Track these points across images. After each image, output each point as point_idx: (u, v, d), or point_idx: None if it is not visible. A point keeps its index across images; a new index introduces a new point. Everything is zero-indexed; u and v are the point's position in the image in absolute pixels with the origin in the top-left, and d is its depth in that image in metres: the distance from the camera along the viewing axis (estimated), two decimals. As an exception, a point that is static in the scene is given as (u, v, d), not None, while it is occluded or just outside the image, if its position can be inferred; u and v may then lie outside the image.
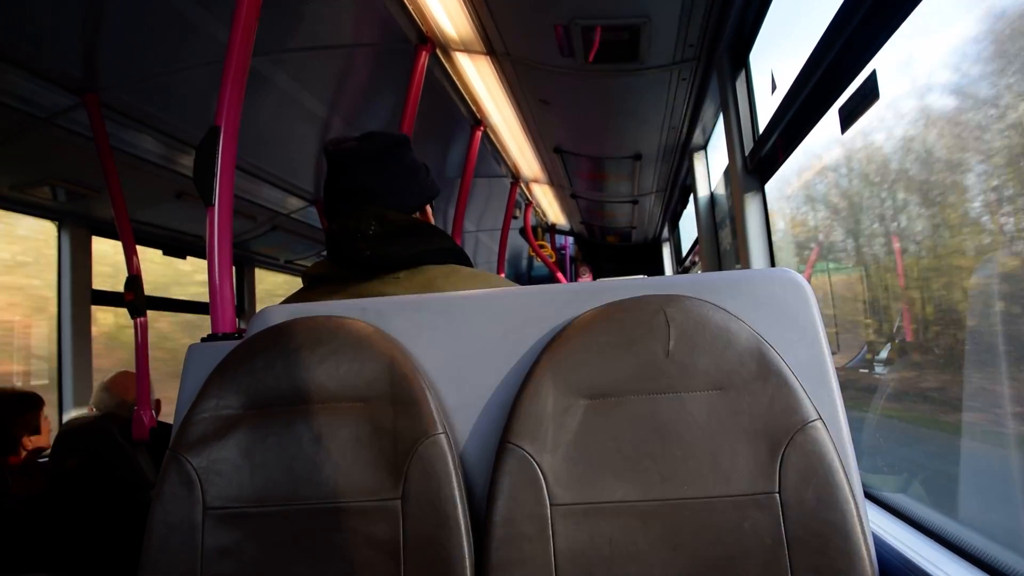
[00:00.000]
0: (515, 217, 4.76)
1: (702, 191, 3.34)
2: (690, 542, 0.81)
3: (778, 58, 1.97)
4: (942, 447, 1.34)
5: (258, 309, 1.03)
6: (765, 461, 0.82)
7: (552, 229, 6.15)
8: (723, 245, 3.19)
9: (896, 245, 1.47)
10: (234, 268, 3.94)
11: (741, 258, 2.29)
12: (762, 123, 2.11)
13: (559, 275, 5.72)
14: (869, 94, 1.29)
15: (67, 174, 2.67)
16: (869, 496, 1.34)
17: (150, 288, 2.76)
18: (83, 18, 1.91)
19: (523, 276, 7.34)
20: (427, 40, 2.34)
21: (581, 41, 2.16)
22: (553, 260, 5.75)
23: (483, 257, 6.20)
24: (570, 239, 6.70)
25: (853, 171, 1.66)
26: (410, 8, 2.16)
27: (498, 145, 3.64)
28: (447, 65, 2.62)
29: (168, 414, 2.60)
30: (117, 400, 2.53)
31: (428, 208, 1.27)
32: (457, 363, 0.96)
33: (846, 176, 1.73)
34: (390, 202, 1.16)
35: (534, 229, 5.54)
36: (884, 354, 1.60)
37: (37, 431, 2.37)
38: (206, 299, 1.32)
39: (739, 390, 0.84)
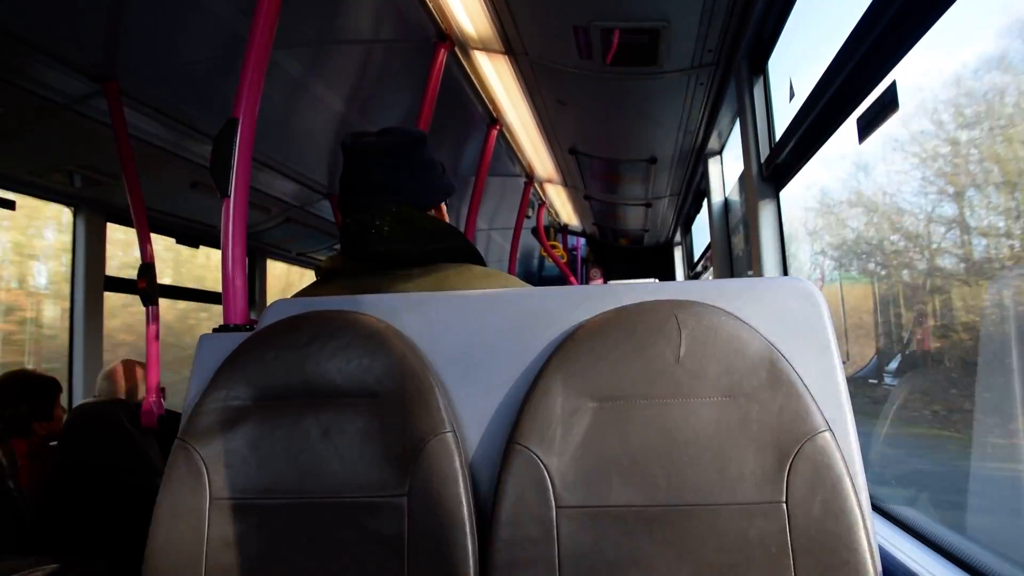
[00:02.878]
0: (528, 217, 4.75)
1: (716, 196, 3.32)
2: (695, 549, 0.81)
3: (797, 65, 1.95)
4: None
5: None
6: (773, 470, 0.81)
7: (564, 230, 6.14)
8: (735, 251, 3.17)
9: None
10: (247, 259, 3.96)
11: (754, 265, 2.28)
12: (779, 130, 2.09)
13: (570, 276, 5.70)
14: (888, 105, 1.28)
15: (84, 160, 2.69)
16: (876, 508, 1.33)
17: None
18: (106, 6, 1.93)
19: (534, 276, 7.32)
20: (446, 37, 2.34)
21: (600, 43, 2.16)
22: (565, 261, 5.74)
23: (495, 256, 6.18)
24: (582, 240, 6.68)
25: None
26: (430, 5, 2.17)
27: (513, 144, 3.64)
28: (465, 63, 2.62)
29: (175, 405, 2.61)
30: (116, 387, 2.53)
31: (443, 206, 1.28)
32: (467, 362, 0.96)
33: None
34: (405, 199, 1.17)
35: (547, 229, 5.52)
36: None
37: (50, 418, 2.37)
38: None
39: (748, 398, 0.84)
